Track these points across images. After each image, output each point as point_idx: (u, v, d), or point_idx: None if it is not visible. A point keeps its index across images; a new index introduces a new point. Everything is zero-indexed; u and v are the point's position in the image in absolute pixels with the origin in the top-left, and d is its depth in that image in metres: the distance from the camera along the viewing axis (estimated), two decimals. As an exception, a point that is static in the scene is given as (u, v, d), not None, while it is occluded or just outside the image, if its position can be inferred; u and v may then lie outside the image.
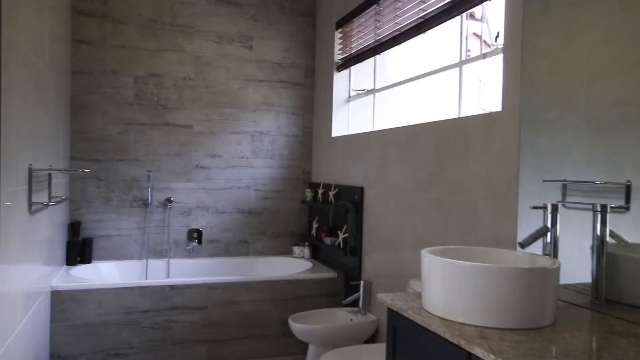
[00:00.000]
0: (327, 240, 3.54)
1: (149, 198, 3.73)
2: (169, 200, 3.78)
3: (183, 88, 3.80)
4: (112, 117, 3.64)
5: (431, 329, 1.37)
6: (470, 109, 2.37)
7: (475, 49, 2.44)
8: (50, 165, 2.78)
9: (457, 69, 2.45)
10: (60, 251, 3.25)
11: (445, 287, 1.38)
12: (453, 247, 1.65)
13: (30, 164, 2.28)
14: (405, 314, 1.51)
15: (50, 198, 2.73)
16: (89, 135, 3.60)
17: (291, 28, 4.06)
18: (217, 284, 3.19)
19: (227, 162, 3.92)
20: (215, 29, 3.86)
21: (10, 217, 1.92)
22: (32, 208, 2.33)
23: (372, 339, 3.04)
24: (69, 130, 3.49)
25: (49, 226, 2.81)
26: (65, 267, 3.39)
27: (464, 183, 2.22)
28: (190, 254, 3.85)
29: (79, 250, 3.49)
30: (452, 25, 2.53)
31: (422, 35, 2.69)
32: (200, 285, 3.16)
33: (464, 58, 2.42)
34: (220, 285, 3.20)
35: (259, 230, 4.02)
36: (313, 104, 4.14)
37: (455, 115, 2.45)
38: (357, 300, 3.08)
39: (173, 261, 3.77)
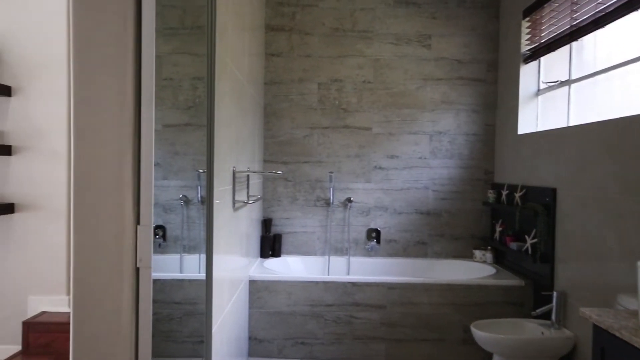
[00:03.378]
0: (513, 245, 3.29)
1: (331, 198, 3.93)
2: (349, 200, 3.93)
3: (362, 91, 3.92)
4: (299, 122, 3.93)
5: (654, 355, 1.17)
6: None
7: None
8: (248, 167, 3.12)
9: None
10: (255, 245, 3.62)
11: (674, 308, 1.17)
12: (681, 260, 1.38)
13: (234, 166, 2.59)
14: (617, 334, 1.32)
15: (248, 197, 3.05)
16: (279, 140, 3.94)
17: (472, 22, 3.89)
18: (396, 284, 3.21)
19: (405, 162, 3.92)
20: (393, 30, 3.90)
21: (219, 213, 2.19)
22: (235, 205, 2.64)
23: (568, 357, 2.73)
24: (262, 135, 3.88)
25: (247, 222, 3.15)
26: (259, 259, 3.76)
27: (693, 184, 1.85)
28: (369, 253, 3.95)
29: (270, 244, 3.84)
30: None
31: (633, 14, 2.33)
32: (379, 284, 3.22)
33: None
34: (400, 286, 3.21)
35: (437, 232, 3.94)
36: (496, 100, 3.90)
37: (678, 104, 2.06)
38: (549, 312, 2.80)
39: (353, 259, 3.90)
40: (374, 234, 3.93)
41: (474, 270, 3.67)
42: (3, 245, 3.03)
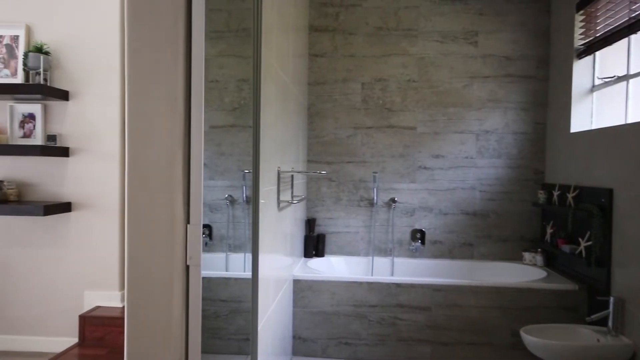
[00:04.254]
0: (565, 248, 3.17)
1: (375, 198, 3.90)
2: (393, 200, 3.90)
3: (407, 90, 3.87)
4: (342, 122, 3.93)
5: None
6: None
7: None
8: (292, 168, 3.14)
9: None
10: (299, 244, 3.64)
11: None
12: None
13: (279, 167, 2.61)
14: (683, 344, 1.24)
15: (292, 197, 3.08)
16: (322, 140, 3.95)
17: (521, 17, 3.77)
18: (442, 285, 3.16)
19: (450, 162, 3.85)
20: (438, 28, 3.83)
21: (265, 213, 2.22)
22: (280, 205, 2.67)
23: (625, 366, 2.61)
24: (306, 135, 3.90)
25: (291, 222, 3.17)
26: (303, 259, 3.79)
27: None
28: (413, 254, 3.90)
29: (314, 244, 3.86)
30: None
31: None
32: (424, 286, 3.17)
33: None
34: (445, 288, 3.15)
35: (484, 234, 3.84)
36: (547, 97, 3.77)
37: None
38: (605, 318, 2.68)
39: (397, 260, 3.87)
40: (419, 235, 3.88)
41: (523, 273, 3.56)
42: (61, 242, 3.18)
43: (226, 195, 2.14)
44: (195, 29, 1.29)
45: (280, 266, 2.70)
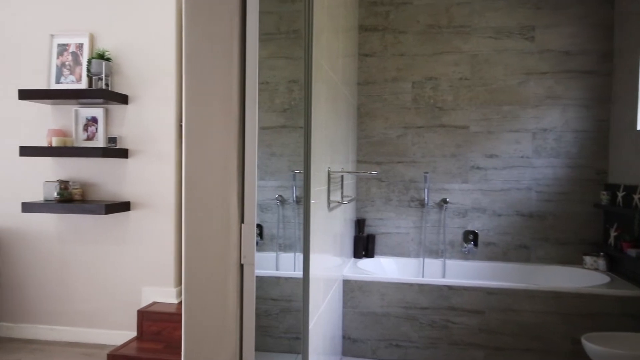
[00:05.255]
0: (631, 252, 2.99)
1: (426, 198, 3.84)
2: (444, 201, 3.82)
3: (459, 89, 3.78)
4: (392, 121, 3.89)
5: None
6: None
7: None
8: (342, 168, 3.14)
9: None
10: (348, 245, 3.64)
11: None
12: None
13: (329, 167, 2.62)
14: None
15: (342, 197, 3.07)
16: (372, 140, 3.92)
17: (582, 10, 3.60)
18: (496, 289, 3.06)
19: (505, 162, 3.73)
20: (492, 24, 3.72)
21: (315, 213, 2.23)
22: (330, 205, 2.67)
23: (698, 379, 2.43)
24: (355, 135, 3.89)
25: (341, 222, 3.17)
26: (352, 259, 3.78)
27: None
28: (465, 256, 3.80)
29: (363, 244, 3.84)
30: None
31: None
32: (477, 289, 3.08)
33: None
34: (500, 291, 3.06)
35: (541, 236, 3.69)
36: (610, 93, 3.58)
37: None
38: (676, 328, 2.52)
39: (448, 262, 3.78)
40: (471, 236, 3.78)
41: (583, 278, 3.40)
42: (121, 240, 3.32)
43: (276, 196, 2.17)
44: (249, 31, 1.31)
45: (330, 266, 2.71)
